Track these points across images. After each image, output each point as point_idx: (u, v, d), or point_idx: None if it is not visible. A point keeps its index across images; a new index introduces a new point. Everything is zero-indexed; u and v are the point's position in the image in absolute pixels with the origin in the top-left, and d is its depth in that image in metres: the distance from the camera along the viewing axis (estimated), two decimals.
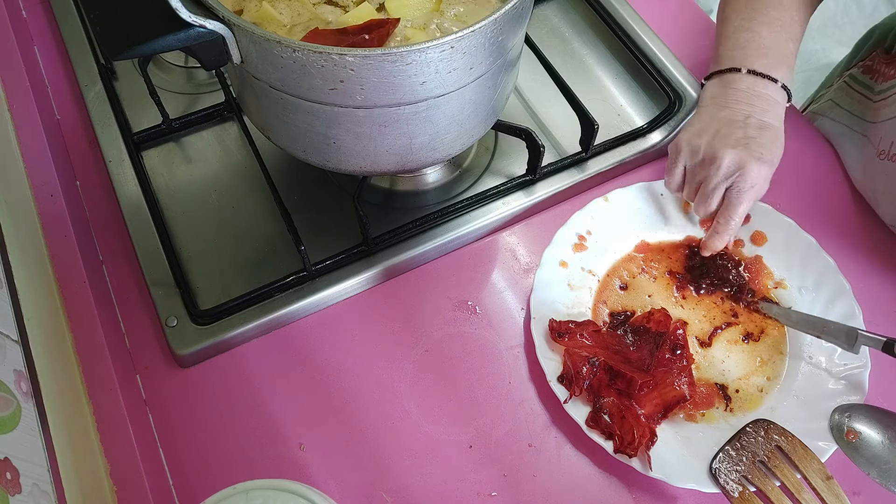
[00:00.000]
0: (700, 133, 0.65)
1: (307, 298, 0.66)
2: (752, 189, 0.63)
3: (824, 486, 0.55)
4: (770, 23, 0.66)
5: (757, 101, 0.64)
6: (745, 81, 0.65)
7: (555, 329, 0.63)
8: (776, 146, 0.64)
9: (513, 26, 0.56)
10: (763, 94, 0.64)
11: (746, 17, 0.67)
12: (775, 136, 0.64)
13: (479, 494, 0.59)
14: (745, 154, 0.62)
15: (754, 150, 0.62)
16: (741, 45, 0.66)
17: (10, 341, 0.54)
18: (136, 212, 0.69)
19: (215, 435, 0.61)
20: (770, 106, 0.64)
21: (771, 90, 0.65)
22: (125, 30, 0.49)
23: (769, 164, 0.63)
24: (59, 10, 0.84)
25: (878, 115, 0.71)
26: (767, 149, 0.63)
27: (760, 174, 0.63)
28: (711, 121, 0.65)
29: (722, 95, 0.66)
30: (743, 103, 0.65)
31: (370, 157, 0.60)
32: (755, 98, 0.64)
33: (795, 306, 0.66)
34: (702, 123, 0.66)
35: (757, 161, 0.62)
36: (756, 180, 0.63)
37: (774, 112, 0.65)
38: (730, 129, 0.64)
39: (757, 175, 0.63)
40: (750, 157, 0.62)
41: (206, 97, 0.79)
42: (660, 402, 0.60)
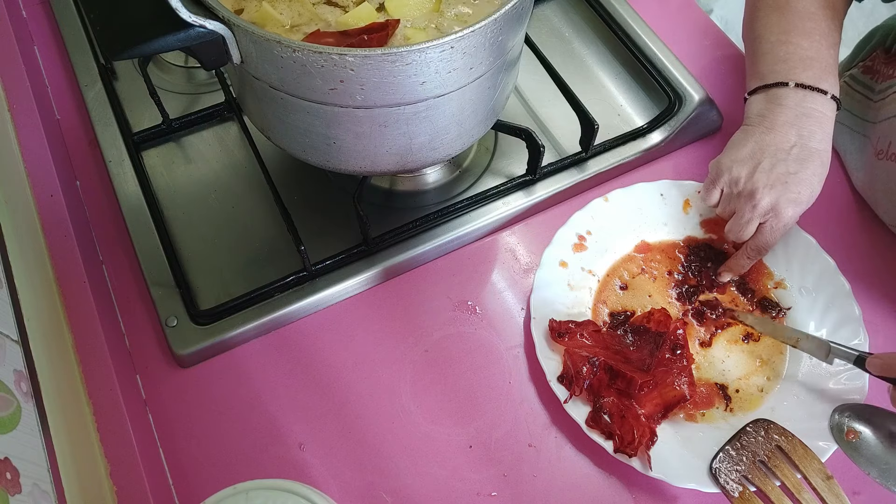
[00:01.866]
0: (743, 161, 0.64)
1: (307, 298, 0.66)
2: (785, 227, 0.63)
3: (824, 486, 0.55)
4: (808, 34, 0.64)
5: (805, 123, 0.62)
6: (793, 97, 0.63)
7: (555, 329, 0.63)
8: (817, 178, 0.62)
9: (513, 26, 0.56)
10: (812, 112, 0.62)
11: (782, 30, 0.65)
12: (820, 163, 0.62)
13: (479, 494, 0.59)
14: (782, 196, 0.62)
15: (792, 190, 0.61)
16: (782, 59, 0.64)
17: (10, 341, 0.54)
18: (136, 212, 0.69)
19: (215, 435, 0.61)
20: (818, 125, 0.62)
21: (820, 104, 0.62)
22: (125, 30, 0.49)
23: (805, 203, 0.63)
24: (59, 10, 0.84)
25: (877, 114, 0.71)
26: (807, 185, 0.62)
27: (795, 215, 0.63)
28: (756, 148, 0.63)
29: (769, 114, 0.64)
30: (791, 125, 0.63)
31: (370, 157, 0.60)
32: (804, 118, 0.62)
33: (795, 306, 0.67)
34: (746, 149, 0.64)
35: (793, 204, 0.62)
36: (790, 221, 0.63)
37: (823, 131, 0.63)
38: (772, 162, 0.62)
39: (791, 217, 0.63)
40: (787, 199, 0.62)
41: (206, 97, 0.79)
42: (660, 402, 0.60)
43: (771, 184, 0.62)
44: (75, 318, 0.64)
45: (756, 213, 0.63)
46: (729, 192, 0.65)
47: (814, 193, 0.63)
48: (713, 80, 0.81)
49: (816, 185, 0.62)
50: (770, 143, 0.63)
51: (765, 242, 0.65)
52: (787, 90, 0.63)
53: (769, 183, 0.62)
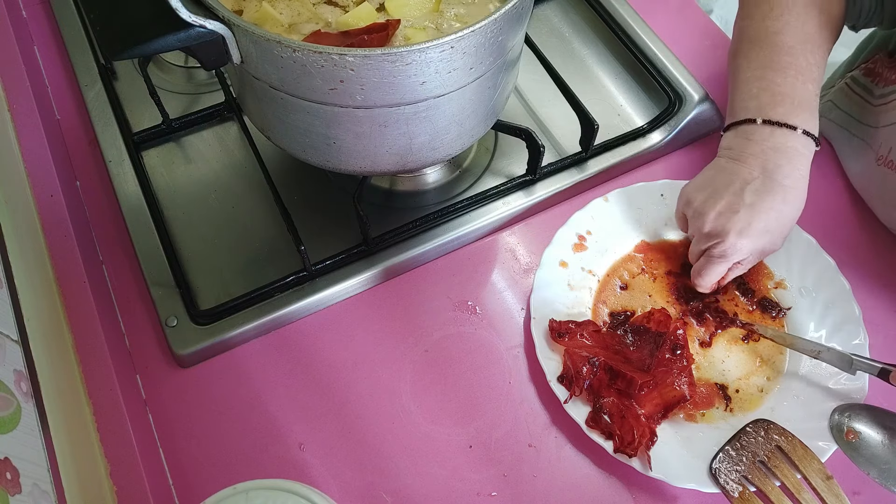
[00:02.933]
0: (701, 187, 0.63)
1: (307, 298, 0.66)
2: (724, 259, 0.61)
3: (824, 486, 0.56)
4: (783, 69, 0.62)
5: (773, 156, 0.61)
6: (760, 133, 0.61)
7: (555, 329, 0.63)
8: (776, 213, 0.60)
9: (513, 26, 0.56)
10: (781, 147, 0.61)
11: (758, 65, 0.64)
12: (783, 199, 0.60)
13: (479, 494, 0.59)
14: (729, 223, 0.60)
15: (742, 219, 0.60)
16: (755, 95, 0.63)
17: (10, 341, 0.54)
18: (136, 212, 0.69)
19: (215, 435, 0.61)
20: (787, 160, 0.60)
21: (791, 139, 0.61)
22: (125, 30, 0.49)
23: (756, 234, 0.60)
24: (59, 10, 0.84)
25: (878, 119, 0.71)
26: (761, 218, 0.60)
27: (737, 246, 0.60)
28: (717, 176, 0.63)
29: (737, 147, 0.63)
30: (756, 158, 0.61)
31: (370, 157, 0.60)
32: (771, 152, 0.61)
33: (795, 307, 0.66)
34: (706, 176, 0.64)
35: (736, 234, 0.60)
36: (730, 252, 0.61)
37: (791, 166, 0.60)
38: (729, 191, 0.61)
39: (732, 247, 0.60)
40: (734, 227, 0.60)
41: (206, 97, 0.79)
42: (660, 402, 0.60)
43: (721, 210, 0.61)
44: (75, 318, 0.64)
45: (702, 236, 0.62)
46: (687, 215, 0.65)
47: (769, 228, 0.60)
48: (713, 80, 0.81)
49: (773, 219, 0.60)
50: (732, 171, 0.62)
51: (705, 270, 0.63)
52: (755, 126, 0.62)
53: (720, 209, 0.61)
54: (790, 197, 0.60)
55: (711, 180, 0.63)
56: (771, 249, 0.63)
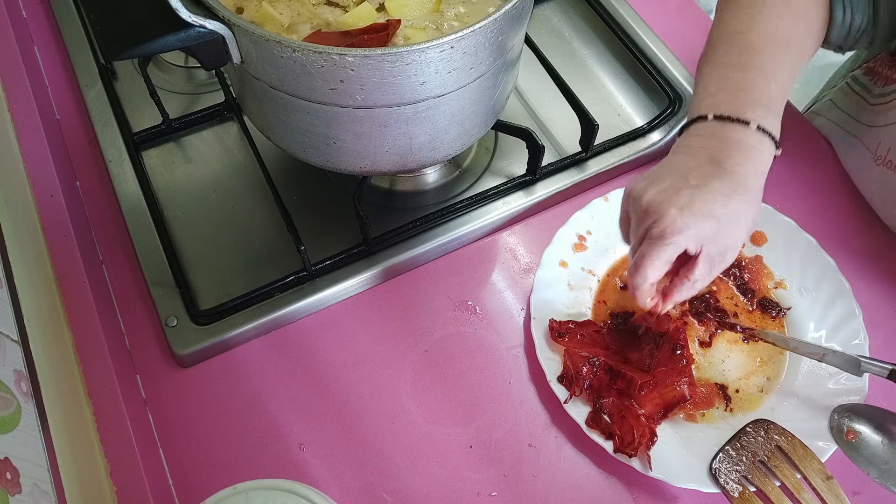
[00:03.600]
0: (643, 178, 0.57)
1: (307, 298, 0.66)
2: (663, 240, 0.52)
3: (824, 486, 0.56)
4: (744, 67, 0.58)
5: (720, 146, 0.55)
6: (709, 127, 0.56)
7: (555, 329, 0.63)
8: (724, 196, 0.52)
9: (513, 26, 0.56)
10: (729, 139, 0.55)
11: (719, 65, 0.59)
12: (732, 184, 0.53)
13: (479, 494, 0.59)
14: (665, 200, 0.53)
15: (683, 197, 0.52)
16: (711, 94, 0.58)
17: (10, 341, 0.54)
18: (136, 212, 0.69)
19: (215, 435, 0.61)
20: (737, 150, 0.54)
21: (743, 134, 0.54)
22: (125, 30, 0.49)
23: (701, 215, 0.52)
24: (59, 10, 0.84)
25: (875, 118, 0.71)
26: (707, 199, 0.52)
27: (677, 224, 0.51)
28: (659, 167, 0.57)
29: (685, 143, 0.57)
30: (703, 149, 0.55)
31: (370, 157, 0.60)
32: (719, 143, 0.55)
33: (795, 306, 0.66)
34: (653, 170, 0.57)
35: (677, 209, 0.52)
36: (670, 231, 0.52)
37: (741, 156, 0.54)
38: (668, 175, 0.55)
39: (671, 224, 0.52)
40: (670, 204, 0.52)
41: (206, 97, 0.79)
42: (660, 403, 0.60)
43: (662, 188, 0.54)
44: (75, 318, 0.64)
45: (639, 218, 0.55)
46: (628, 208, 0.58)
47: (715, 212, 0.52)
48: None
49: (720, 204, 0.52)
50: (676, 161, 0.56)
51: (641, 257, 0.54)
52: (706, 123, 0.56)
53: (661, 188, 0.54)
54: (740, 188, 0.53)
55: (654, 171, 0.57)
56: (723, 244, 0.53)
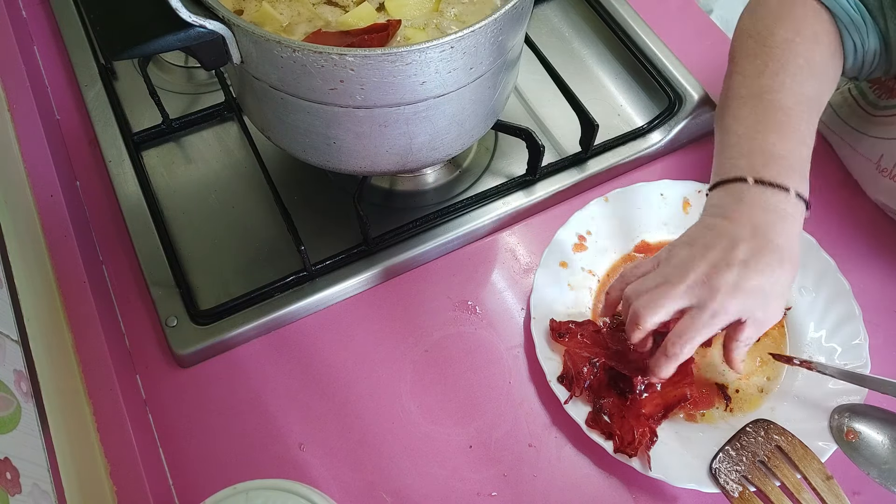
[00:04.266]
0: (687, 243, 0.56)
1: (307, 298, 0.66)
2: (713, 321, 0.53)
3: (824, 486, 0.56)
4: (779, 128, 0.58)
5: (765, 216, 0.55)
6: (752, 193, 0.56)
7: (555, 329, 0.63)
8: (772, 272, 0.54)
9: (513, 26, 0.56)
10: (774, 208, 0.55)
11: (751, 123, 0.59)
12: (779, 259, 0.54)
13: (479, 494, 0.59)
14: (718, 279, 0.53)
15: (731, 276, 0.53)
16: (746, 154, 0.58)
17: (10, 341, 0.54)
18: (136, 212, 0.69)
19: (215, 435, 0.61)
20: (780, 220, 0.55)
21: (782, 201, 0.55)
22: (125, 30, 0.49)
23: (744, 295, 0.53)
24: (59, 10, 0.84)
25: (877, 130, 0.71)
26: (757, 276, 0.53)
27: (725, 306, 0.53)
28: (704, 232, 0.56)
29: (726, 205, 0.57)
30: (748, 218, 0.55)
31: (370, 157, 0.60)
32: (763, 213, 0.55)
33: (795, 306, 0.66)
34: (697, 234, 0.57)
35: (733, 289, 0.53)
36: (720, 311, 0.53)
37: (784, 227, 0.55)
38: (722, 248, 0.54)
39: (721, 306, 0.53)
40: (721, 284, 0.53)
41: (206, 97, 0.79)
42: (660, 403, 0.60)
43: (714, 264, 0.54)
44: (75, 318, 0.64)
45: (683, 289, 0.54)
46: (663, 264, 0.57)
47: (763, 288, 0.53)
48: (713, 81, 0.81)
49: (768, 279, 0.53)
50: (721, 229, 0.55)
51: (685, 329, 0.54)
52: (747, 186, 0.56)
53: (714, 263, 0.54)
54: (786, 257, 0.54)
55: (699, 236, 0.56)
56: (763, 317, 0.55)
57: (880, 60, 0.64)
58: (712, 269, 0.54)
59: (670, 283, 0.55)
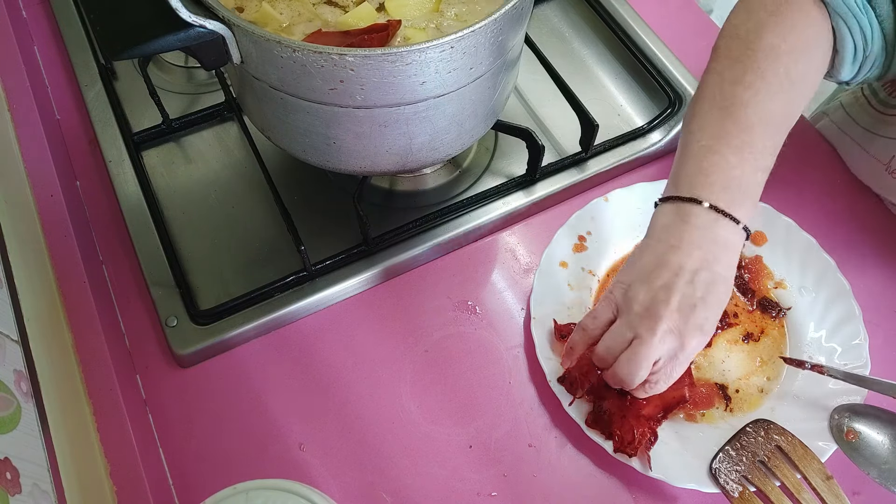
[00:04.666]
0: (643, 279, 0.56)
1: (307, 298, 0.66)
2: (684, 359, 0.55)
3: (824, 486, 0.56)
4: (740, 148, 0.56)
5: (712, 248, 0.55)
6: (703, 218, 0.56)
7: (559, 330, 0.63)
8: (721, 306, 0.55)
9: (513, 26, 0.56)
10: (720, 238, 0.55)
11: (713, 135, 0.57)
12: (725, 290, 0.55)
13: (479, 494, 0.59)
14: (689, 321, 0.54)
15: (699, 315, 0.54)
16: (705, 171, 0.57)
17: (10, 341, 0.54)
18: (136, 212, 0.69)
19: (215, 435, 0.61)
20: (724, 252, 0.56)
21: (730, 232, 0.56)
22: (125, 30, 0.49)
23: (708, 333, 0.55)
24: (59, 10, 0.84)
25: (887, 129, 0.70)
26: (713, 311, 0.55)
27: (698, 346, 0.55)
28: (659, 265, 0.56)
29: (676, 231, 0.56)
30: (697, 247, 0.55)
31: (370, 157, 0.60)
32: (711, 243, 0.55)
33: (795, 306, 0.66)
34: (648, 266, 0.56)
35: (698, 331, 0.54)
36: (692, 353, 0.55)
37: (728, 258, 0.56)
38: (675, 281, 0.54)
39: (692, 350, 0.55)
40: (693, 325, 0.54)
41: (206, 97, 0.79)
42: (660, 403, 0.60)
43: (679, 308, 0.54)
44: (75, 318, 0.64)
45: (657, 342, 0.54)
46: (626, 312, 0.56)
47: (714, 322, 0.55)
48: None
49: (718, 312, 0.55)
50: (674, 261, 0.55)
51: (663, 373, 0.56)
52: (700, 209, 0.56)
53: (678, 308, 0.54)
54: (729, 287, 0.56)
55: (654, 271, 0.56)
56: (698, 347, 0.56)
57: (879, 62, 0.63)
58: (679, 314, 0.54)
59: (642, 340, 0.54)
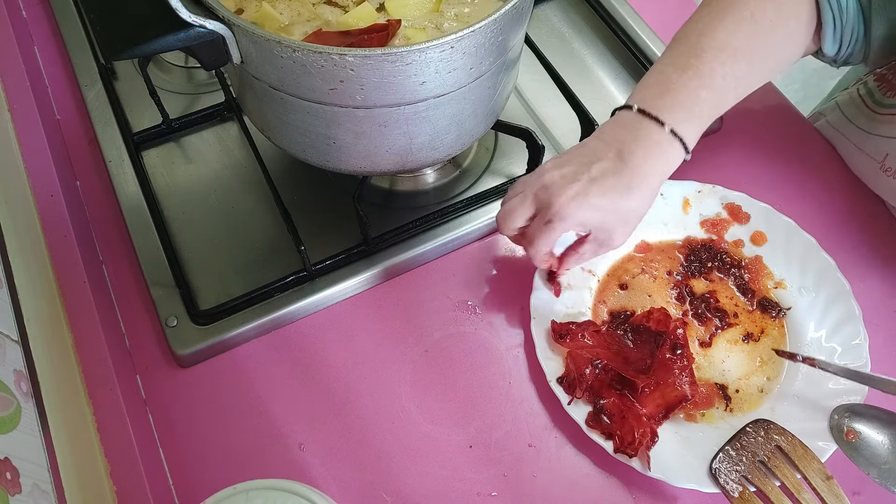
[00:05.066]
0: (556, 157, 0.60)
1: (307, 298, 0.66)
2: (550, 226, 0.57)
3: (824, 486, 0.56)
4: (683, 68, 0.58)
5: (632, 143, 0.57)
6: (627, 118, 0.58)
7: (556, 330, 0.63)
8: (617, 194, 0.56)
9: (513, 26, 0.56)
10: (644, 137, 0.57)
11: (666, 61, 0.60)
12: (627, 185, 0.56)
13: (479, 494, 0.59)
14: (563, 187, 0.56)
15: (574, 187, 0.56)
16: (646, 85, 0.60)
17: (10, 341, 0.54)
18: (136, 212, 0.69)
19: (215, 435, 0.61)
20: (644, 149, 0.57)
21: (655, 133, 0.57)
22: (125, 30, 0.49)
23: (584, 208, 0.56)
24: (59, 10, 0.85)
25: (881, 129, 0.70)
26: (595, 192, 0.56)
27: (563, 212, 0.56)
28: (574, 150, 0.59)
29: (606, 130, 0.59)
30: (615, 139, 0.58)
31: (370, 157, 0.60)
32: (632, 140, 0.57)
33: (795, 306, 0.66)
34: (571, 148, 0.60)
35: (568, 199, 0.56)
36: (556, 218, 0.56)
37: (647, 156, 0.56)
38: (576, 161, 0.57)
39: (559, 210, 0.56)
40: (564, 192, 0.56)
41: (206, 97, 0.79)
42: (661, 403, 0.60)
43: (564, 175, 0.57)
44: (75, 318, 0.64)
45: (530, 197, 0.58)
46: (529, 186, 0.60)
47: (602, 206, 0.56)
48: None
49: (610, 200, 0.56)
50: (590, 148, 0.58)
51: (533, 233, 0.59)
52: (630, 113, 0.58)
53: (564, 174, 0.57)
54: (635, 185, 0.56)
55: (568, 152, 0.60)
56: (609, 232, 0.59)
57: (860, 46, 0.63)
58: (560, 178, 0.57)
59: (520, 190, 0.59)
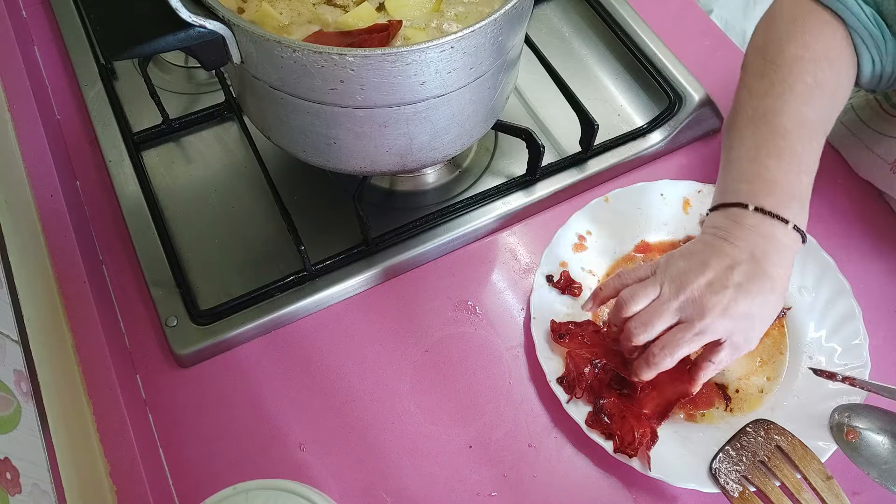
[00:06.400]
0: (686, 255, 0.57)
1: (307, 298, 0.66)
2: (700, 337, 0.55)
3: (824, 486, 0.56)
4: (778, 154, 0.58)
5: (761, 243, 0.56)
6: (751, 219, 0.57)
7: (556, 330, 0.63)
8: (762, 299, 0.55)
9: (513, 26, 0.56)
10: (769, 235, 0.56)
11: (752, 146, 0.59)
12: (770, 288, 0.55)
13: (479, 494, 0.59)
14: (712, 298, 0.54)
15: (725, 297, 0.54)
16: (747, 179, 0.59)
17: (10, 341, 0.54)
18: (136, 212, 0.69)
19: (215, 435, 0.61)
20: (776, 250, 0.56)
21: (780, 231, 0.56)
22: (125, 30, 0.49)
23: (734, 318, 0.55)
24: (59, 10, 0.84)
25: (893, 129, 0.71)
26: (749, 302, 0.55)
27: (715, 325, 0.55)
28: (703, 249, 0.57)
29: (726, 228, 0.58)
30: (745, 241, 0.56)
31: (370, 157, 0.60)
32: (760, 239, 0.56)
33: (795, 306, 0.66)
34: (696, 245, 0.58)
35: (720, 310, 0.54)
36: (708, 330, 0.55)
37: (779, 257, 0.56)
38: (715, 265, 0.56)
39: (711, 325, 0.55)
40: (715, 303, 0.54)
41: (206, 97, 0.79)
42: (660, 403, 0.60)
43: (710, 283, 0.55)
44: (75, 318, 0.64)
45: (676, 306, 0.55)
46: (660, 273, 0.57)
47: (751, 313, 0.55)
48: (713, 81, 0.81)
49: (758, 305, 0.55)
50: (720, 249, 0.57)
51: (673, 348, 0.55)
52: (746, 212, 0.57)
53: (710, 282, 0.55)
54: (776, 286, 0.56)
55: (699, 251, 0.58)
56: (742, 342, 0.56)
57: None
58: (707, 288, 0.55)
59: (664, 300, 0.56)
